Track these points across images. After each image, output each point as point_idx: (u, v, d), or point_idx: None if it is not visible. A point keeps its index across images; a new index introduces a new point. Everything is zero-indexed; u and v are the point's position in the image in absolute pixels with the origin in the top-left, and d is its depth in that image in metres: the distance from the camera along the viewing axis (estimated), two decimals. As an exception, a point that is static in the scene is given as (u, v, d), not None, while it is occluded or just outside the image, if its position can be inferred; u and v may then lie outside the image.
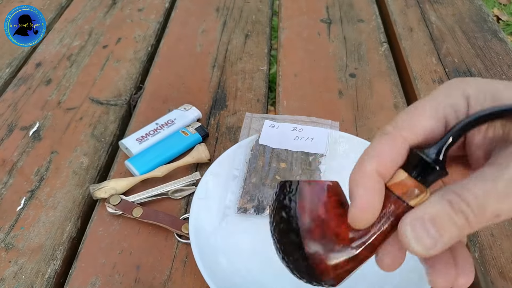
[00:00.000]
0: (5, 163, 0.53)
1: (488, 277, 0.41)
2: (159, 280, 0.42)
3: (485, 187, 0.19)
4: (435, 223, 0.19)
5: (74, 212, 0.48)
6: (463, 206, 0.19)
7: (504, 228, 0.45)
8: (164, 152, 0.52)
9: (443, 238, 0.19)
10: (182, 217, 0.46)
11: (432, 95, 0.22)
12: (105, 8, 0.81)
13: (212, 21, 0.77)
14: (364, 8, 0.80)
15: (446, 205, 0.19)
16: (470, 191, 0.19)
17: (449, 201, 0.19)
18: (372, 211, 0.21)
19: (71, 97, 0.62)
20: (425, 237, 0.19)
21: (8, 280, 0.42)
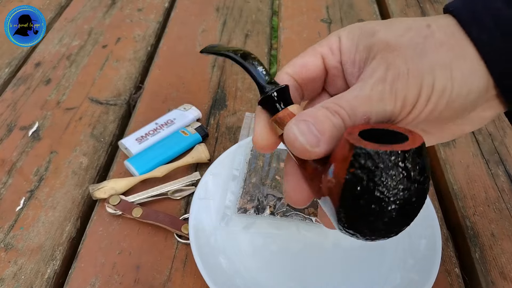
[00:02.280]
0: (4, 163, 0.53)
1: (488, 277, 0.41)
2: (159, 280, 0.41)
3: (354, 93, 0.23)
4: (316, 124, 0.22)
5: (73, 212, 0.47)
6: (338, 109, 0.22)
7: (505, 228, 0.45)
8: (163, 152, 0.51)
9: (324, 136, 0.22)
10: (182, 217, 0.46)
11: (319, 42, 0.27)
12: (104, 8, 0.81)
13: (212, 20, 0.77)
14: (365, 8, 0.80)
15: (324, 109, 0.22)
16: (343, 98, 0.23)
17: (326, 107, 0.22)
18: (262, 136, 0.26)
19: (71, 97, 0.62)
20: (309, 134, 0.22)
21: (8, 281, 0.42)
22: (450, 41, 0.23)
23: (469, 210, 0.46)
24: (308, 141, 0.22)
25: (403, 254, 0.42)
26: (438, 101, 0.22)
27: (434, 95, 0.22)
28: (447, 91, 0.22)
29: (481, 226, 0.45)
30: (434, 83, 0.22)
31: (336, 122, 0.22)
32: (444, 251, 0.43)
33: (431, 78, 0.22)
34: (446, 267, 0.42)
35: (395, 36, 0.23)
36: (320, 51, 0.27)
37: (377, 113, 0.22)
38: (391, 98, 0.22)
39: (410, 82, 0.22)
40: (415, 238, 0.42)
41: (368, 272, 0.41)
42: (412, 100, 0.22)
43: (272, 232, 0.44)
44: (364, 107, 0.22)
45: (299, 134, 0.22)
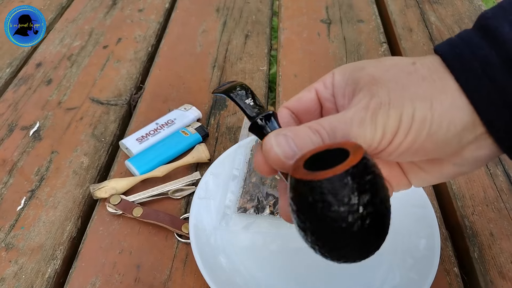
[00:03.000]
0: (5, 163, 0.53)
1: (487, 276, 0.41)
2: (159, 280, 0.42)
3: (337, 116, 0.24)
4: (295, 138, 0.23)
5: (74, 212, 0.48)
6: (319, 128, 0.23)
7: (504, 227, 0.45)
8: (164, 152, 0.52)
9: (301, 151, 0.23)
10: (182, 217, 0.46)
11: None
12: (105, 8, 0.81)
13: (212, 21, 0.78)
14: (364, 9, 0.80)
15: (306, 128, 0.23)
16: (326, 119, 0.24)
17: (308, 126, 0.23)
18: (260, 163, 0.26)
19: (72, 97, 0.62)
20: (286, 146, 0.23)
21: (8, 280, 0.42)
22: (432, 76, 0.23)
23: (468, 209, 0.47)
24: (283, 152, 0.23)
25: (402, 254, 0.42)
26: (418, 132, 0.23)
27: (414, 125, 0.23)
28: (427, 122, 0.23)
29: (480, 225, 0.45)
30: (414, 114, 0.22)
31: (315, 140, 0.23)
32: (443, 251, 0.43)
33: (411, 108, 0.23)
34: (445, 266, 0.42)
35: (381, 71, 0.24)
36: (315, 86, 0.29)
37: (357, 138, 0.23)
38: (371, 125, 0.23)
39: (390, 112, 0.23)
40: (414, 238, 0.42)
41: (367, 272, 0.42)
42: (392, 129, 0.23)
43: (272, 231, 0.45)
44: (344, 129, 0.23)
45: (276, 145, 0.23)
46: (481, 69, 0.22)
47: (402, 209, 0.44)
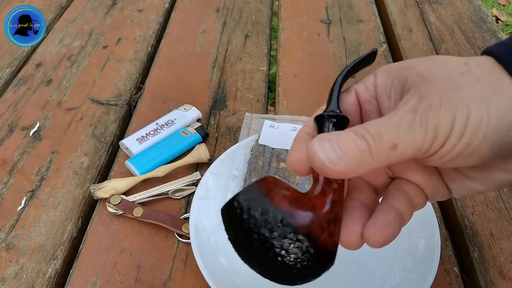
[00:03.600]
0: (5, 163, 0.53)
1: (487, 276, 0.41)
2: (160, 280, 0.42)
3: (384, 120, 0.22)
4: (341, 144, 0.22)
5: (74, 212, 0.48)
6: (365, 133, 0.22)
7: (504, 227, 0.45)
8: (164, 152, 0.52)
9: (346, 157, 0.21)
10: (183, 217, 0.46)
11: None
12: (105, 8, 0.81)
13: (212, 21, 0.78)
14: (364, 9, 0.81)
15: (351, 132, 0.22)
16: (371, 124, 0.22)
17: (354, 131, 0.22)
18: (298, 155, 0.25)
19: (72, 97, 0.62)
20: (331, 152, 0.22)
21: (9, 280, 0.42)
22: (488, 77, 0.22)
23: (468, 209, 0.47)
24: (328, 158, 0.22)
25: (402, 254, 0.42)
26: (474, 135, 0.21)
27: (469, 128, 0.21)
28: (483, 124, 0.21)
29: (480, 225, 0.45)
30: (468, 115, 0.21)
31: (361, 145, 0.22)
32: (443, 251, 0.43)
33: (465, 110, 0.21)
34: (445, 266, 0.42)
35: (431, 70, 0.23)
36: (355, 87, 0.28)
37: (405, 142, 0.22)
38: (421, 128, 0.22)
39: (442, 114, 0.21)
40: (414, 238, 0.42)
41: (367, 272, 0.42)
42: (445, 132, 0.22)
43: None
44: (391, 133, 0.22)
45: (320, 151, 0.22)
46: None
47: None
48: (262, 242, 0.23)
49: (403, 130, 0.22)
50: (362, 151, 0.22)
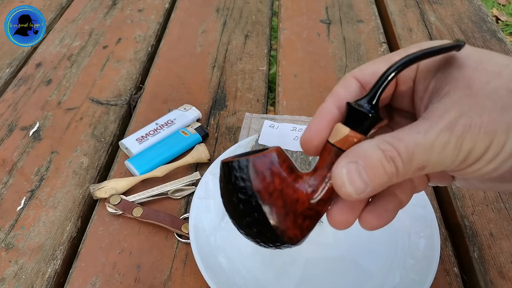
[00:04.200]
0: (5, 163, 0.53)
1: (487, 276, 0.41)
2: (159, 280, 0.42)
3: (416, 138, 0.20)
4: (368, 169, 0.20)
5: (74, 212, 0.48)
6: (394, 154, 0.20)
7: (503, 227, 0.45)
8: (164, 152, 0.52)
9: (373, 183, 0.20)
10: (182, 217, 0.46)
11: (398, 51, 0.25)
12: (105, 8, 0.81)
13: (212, 21, 0.78)
14: (364, 9, 0.81)
15: (380, 153, 0.20)
16: (402, 141, 0.20)
17: (383, 149, 0.20)
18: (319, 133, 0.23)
19: (71, 97, 0.62)
20: (358, 181, 0.20)
21: (9, 280, 0.42)
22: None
23: (467, 209, 0.47)
24: (355, 189, 0.21)
25: (402, 254, 0.42)
26: (503, 163, 0.21)
27: (501, 155, 0.20)
28: (508, 163, 0.20)
29: (479, 225, 0.45)
30: (505, 143, 0.20)
31: (389, 170, 0.20)
32: (443, 251, 0.43)
33: (504, 136, 0.20)
34: (445, 266, 0.42)
35: (480, 82, 0.21)
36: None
37: (435, 164, 0.21)
38: (454, 151, 0.20)
39: (480, 137, 0.20)
40: (414, 238, 0.42)
41: (367, 272, 0.42)
42: (476, 156, 0.21)
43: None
44: (423, 156, 0.20)
45: (348, 183, 0.21)
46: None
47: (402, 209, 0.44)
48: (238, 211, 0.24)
49: (436, 153, 0.20)
50: (390, 175, 0.21)
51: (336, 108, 0.23)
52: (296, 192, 0.23)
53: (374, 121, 0.22)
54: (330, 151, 0.23)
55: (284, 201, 0.23)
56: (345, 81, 0.24)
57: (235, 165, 0.23)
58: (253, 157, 0.23)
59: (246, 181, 0.23)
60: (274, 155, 0.24)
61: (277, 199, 0.23)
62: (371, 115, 0.22)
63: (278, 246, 0.24)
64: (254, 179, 0.23)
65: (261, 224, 0.23)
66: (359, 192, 0.21)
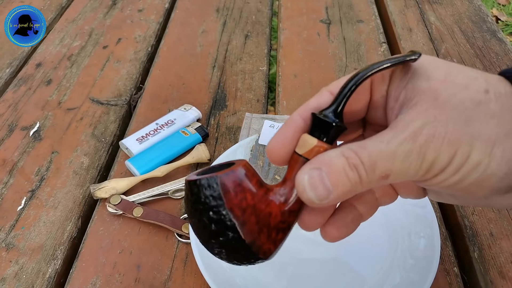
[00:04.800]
0: (5, 163, 0.53)
1: (487, 276, 0.41)
2: (160, 280, 0.42)
3: (379, 147, 0.21)
4: (331, 176, 0.20)
5: (74, 212, 0.48)
6: (357, 163, 0.20)
7: (503, 227, 0.45)
8: (164, 152, 0.52)
9: (336, 190, 0.21)
10: (183, 217, 0.46)
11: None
12: (105, 8, 0.81)
13: (212, 21, 0.78)
14: (364, 9, 0.81)
15: (343, 160, 0.21)
16: (365, 150, 0.21)
17: (346, 157, 0.21)
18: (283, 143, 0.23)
19: (72, 97, 0.62)
20: (320, 188, 0.21)
21: (9, 280, 0.42)
22: (504, 116, 0.20)
23: (467, 209, 0.47)
24: (317, 196, 0.21)
25: (402, 254, 0.42)
26: (467, 175, 0.21)
27: (466, 167, 0.20)
28: (480, 167, 0.20)
29: (479, 225, 0.45)
30: (469, 155, 0.20)
31: (352, 177, 0.21)
32: (443, 251, 0.43)
33: (468, 148, 0.20)
34: (445, 266, 0.42)
35: (447, 94, 0.21)
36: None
37: (398, 173, 0.21)
38: (417, 160, 0.20)
39: (443, 148, 0.20)
40: (414, 238, 0.42)
41: (367, 272, 0.42)
42: (441, 166, 0.21)
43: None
44: (385, 164, 0.21)
45: (309, 189, 0.21)
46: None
47: (402, 209, 0.44)
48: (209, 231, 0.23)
49: (399, 162, 0.20)
50: (353, 183, 0.21)
51: (301, 119, 0.24)
52: (268, 206, 0.23)
53: (338, 130, 0.22)
54: (298, 162, 0.23)
55: (257, 217, 0.23)
56: (319, 94, 0.25)
57: (204, 183, 0.22)
58: (222, 173, 0.22)
59: (217, 199, 0.22)
60: (242, 170, 0.23)
61: (250, 215, 0.22)
62: (335, 124, 0.22)
63: (252, 262, 0.24)
64: (225, 196, 0.22)
65: (235, 242, 0.22)
66: (321, 199, 0.21)
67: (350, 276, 0.42)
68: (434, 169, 0.21)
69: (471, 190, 0.21)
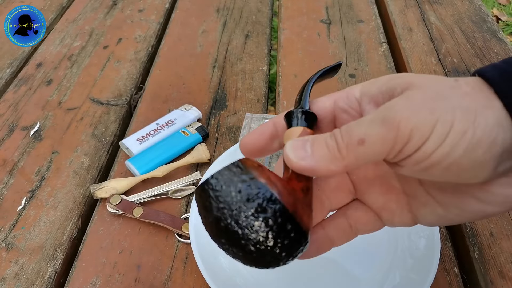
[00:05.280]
0: (6, 163, 0.53)
1: (487, 276, 0.41)
2: (160, 280, 0.42)
3: (355, 121, 0.22)
4: (312, 143, 0.23)
5: (74, 212, 0.48)
6: (336, 131, 0.23)
7: (504, 227, 0.45)
8: (164, 152, 0.52)
9: (314, 154, 0.22)
10: (183, 217, 0.46)
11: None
12: (105, 8, 0.81)
13: (213, 21, 0.78)
14: (364, 9, 0.81)
15: (326, 133, 0.23)
16: (346, 124, 0.23)
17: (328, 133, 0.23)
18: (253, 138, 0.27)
19: (72, 97, 0.62)
20: (300, 149, 0.23)
21: (9, 280, 0.42)
22: (477, 94, 0.21)
23: (468, 209, 0.47)
24: (296, 155, 0.23)
25: (402, 254, 0.42)
26: (455, 145, 0.20)
27: (452, 136, 0.20)
28: (467, 136, 0.20)
29: (480, 225, 0.45)
30: (453, 123, 0.20)
31: (330, 142, 0.22)
32: (443, 250, 0.43)
33: (450, 117, 0.20)
34: (445, 266, 0.42)
35: (421, 81, 0.22)
36: (334, 97, 0.27)
37: (373, 137, 0.21)
38: (393, 125, 0.20)
39: (422, 114, 0.20)
40: (414, 237, 0.42)
41: (367, 272, 0.42)
42: (422, 134, 0.20)
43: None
44: (360, 129, 0.21)
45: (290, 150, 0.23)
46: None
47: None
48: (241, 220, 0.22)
49: (373, 125, 0.21)
50: (330, 148, 0.22)
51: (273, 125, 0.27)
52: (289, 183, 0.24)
53: (313, 117, 0.26)
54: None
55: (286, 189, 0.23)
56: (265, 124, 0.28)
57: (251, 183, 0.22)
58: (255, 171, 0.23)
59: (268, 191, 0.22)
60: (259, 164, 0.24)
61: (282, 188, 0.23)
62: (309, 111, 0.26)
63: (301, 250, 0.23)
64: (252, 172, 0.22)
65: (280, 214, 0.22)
66: (299, 158, 0.22)
67: (350, 276, 0.42)
68: (414, 138, 0.20)
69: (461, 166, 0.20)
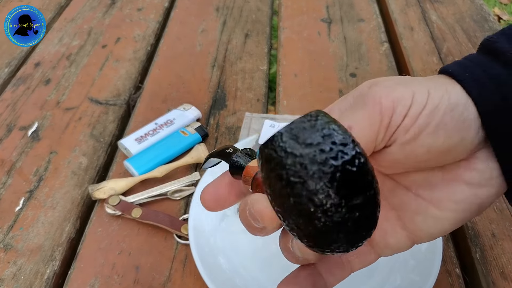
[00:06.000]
0: (3, 163, 0.52)
1: (489, 277, 0.41)
2: (159, 281, 0.41)
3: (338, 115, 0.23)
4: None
5: (73, 213, 0.47)
6: None
7: (506, 228, 0.45)
8: (163, 152, 0.51)
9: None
10: (182, 218, 0.46)
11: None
12: (104, 7, 0.81)
13: (212, 20, 0.77)
14: (365, 8, 0.80)
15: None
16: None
17: None
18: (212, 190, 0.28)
19: (70, 97, 0.62)
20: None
21: (7, 281, 0.41)
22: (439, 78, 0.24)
23: (469, 210, 0.46)
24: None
25: (404, 255, 0.41)
26: (437, 105, 0.22)
27: (431, 100, 0.22)
28: (444, 99, 0.22)
29: (481, 226, 0.45)
30: (429, 91, 0.22)
31: None
32: (445, 252, 0.43)
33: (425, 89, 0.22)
34: (447, 267, 0.42)
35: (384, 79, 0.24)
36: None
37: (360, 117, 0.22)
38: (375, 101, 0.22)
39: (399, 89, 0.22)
40: (415, 239, 0.42)
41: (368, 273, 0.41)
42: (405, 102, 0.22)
43: (272, 232, 0.44)
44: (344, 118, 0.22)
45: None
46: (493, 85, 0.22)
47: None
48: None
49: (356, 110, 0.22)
50: None
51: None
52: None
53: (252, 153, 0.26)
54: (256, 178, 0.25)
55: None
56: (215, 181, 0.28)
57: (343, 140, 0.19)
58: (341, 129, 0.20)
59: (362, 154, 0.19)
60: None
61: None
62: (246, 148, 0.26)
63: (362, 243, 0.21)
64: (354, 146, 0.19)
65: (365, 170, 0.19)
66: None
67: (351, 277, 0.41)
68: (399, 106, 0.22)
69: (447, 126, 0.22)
